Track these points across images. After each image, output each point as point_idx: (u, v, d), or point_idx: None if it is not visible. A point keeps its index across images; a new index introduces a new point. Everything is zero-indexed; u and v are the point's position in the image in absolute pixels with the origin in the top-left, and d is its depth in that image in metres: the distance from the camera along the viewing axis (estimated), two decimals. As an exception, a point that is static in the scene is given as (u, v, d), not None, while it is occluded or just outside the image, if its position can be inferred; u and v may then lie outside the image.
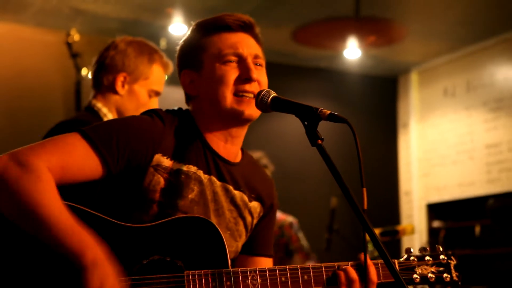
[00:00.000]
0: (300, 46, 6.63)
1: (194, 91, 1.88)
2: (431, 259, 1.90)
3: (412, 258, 1.89)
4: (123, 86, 2.59)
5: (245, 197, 1.90)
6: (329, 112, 1.61)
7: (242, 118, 1.81)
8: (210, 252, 1.69)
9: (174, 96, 2.81)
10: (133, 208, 1.72)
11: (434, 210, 7.27)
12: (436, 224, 7.12)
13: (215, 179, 1.84)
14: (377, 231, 4.74)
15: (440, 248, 1.93)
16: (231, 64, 1.82)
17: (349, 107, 7.23)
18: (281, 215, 4.60)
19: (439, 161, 7.24)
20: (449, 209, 7.14)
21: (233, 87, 1.81)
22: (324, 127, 1.64)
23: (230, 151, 1.88)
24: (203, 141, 1.84)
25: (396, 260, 1.87)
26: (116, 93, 2.59)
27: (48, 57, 5.95)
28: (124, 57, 2.57)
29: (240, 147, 1.93)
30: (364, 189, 1.52)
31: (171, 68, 2.66)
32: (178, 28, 5.81)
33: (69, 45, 5.35)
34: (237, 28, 1.87)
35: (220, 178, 1.85)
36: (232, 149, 1.88)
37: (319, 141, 1.61)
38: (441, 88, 7.29)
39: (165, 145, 1.76)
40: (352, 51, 6.41)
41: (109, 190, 1.76)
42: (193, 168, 1.79)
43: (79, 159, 1.65)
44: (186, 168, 1.78)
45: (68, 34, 5.37)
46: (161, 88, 2.65)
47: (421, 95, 7.58)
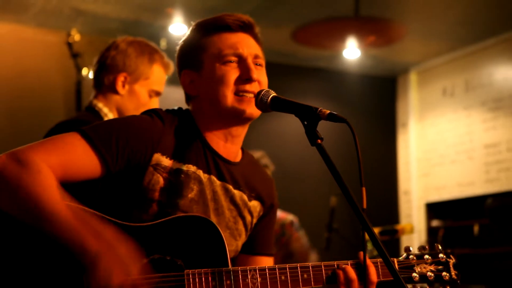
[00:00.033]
0: (299, 46, 6.63)
1: (194, 91, 1.88)
2: (430, 258, 1.90)
3: (411, 256, 1.89)
4: (123, 86, 2.58)
5: (244, 197, 1.91)
6: (328, 111, 1.61)
7: (243, 117, 1.82)
8: (210, 251, 1.70)
9: (174, 96, 2.82)
10: (133, 207, 1.72)
11: (433, 209, 7.27)
12: (435, 223, 7.12)
13: (214, 179, 1.84)
14: (376, 230, 4.74)
15: (439, 247, 1.93)
16: (231, 64, 1.82)
17: (348, 107, 7.23)
18: (281, 214, 4.59)
19: (438, 161, 7.24)
20: (448, 209, 7.14)
21: (233, 87, 1.81)
22: (323, 127, 1.64)
23: (230, 151, 1.88)
24: (203, 141, 1.84)
25: (395, 259, 1.87)
26: (117, 93, 2.58)
27: (49, 57, 5.94)
28: (124, 57, 2.57)
29: (240, 147, 1.93)
30: (364, 188, 1.52)
31: (171, 68, 2.66)
32: (178, 28, 5.79)
33: (69, 45, 5.34)
34: (237, 28, 1.87)
35: (220, 177, 1.85)
36: (232, 148, 1.88)
37: (319, 141, 1.61)
38: (440, 88, 7.29)
39: (165, 144, 1.76)
40: (352, 51, 6.42)
41: (109, 189, 1.76)
42: (193, 167, 1.79)
43: (79, 158, 1.65)
44: (185, 168, 1.78)
45: (68, 34, 5.37)
46: (161, 88, 2.65)
47: (420, 95, 7.58)
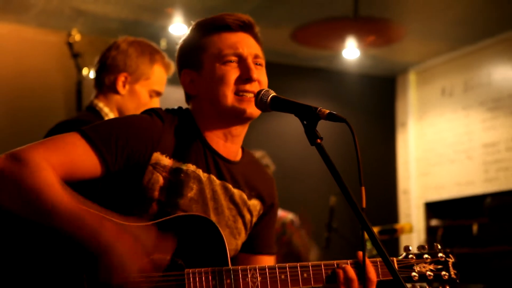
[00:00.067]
0: (299, 46, 6.62)
1: (194, 91, 1.88)
2: (429, 257, 1.90)
3: (410, 256, 1.89)
4: (124, 86, 2.58)
5: (244, 195, 1.91)
6: (328, 111, 1.61)
7: (244, 117, 1.82)
8: (210, 250, 1.70)
9: (174, 96, 2.82)
10: (133, 206, 1.73)
11: (432, 208, 7.27)
12: (434, 222, 7.13)
13: (214, 178, 1.84)
14: (375, 230, 4.74)
15: (439, 246, 1.93)
16: (231, 64, 1.82)
17: (348, 106, 7.23)
18: (281, 213, 4.60)
19: (437, 160, 7.25)
20: (447, 208, 7.14)
21: (233, 86, 1.81)
22: (323, 127, 1.64)
23: (230, 150, 1.88)
24: (202, 140, 1.84)
25: (395, 258, 1.87)
26: (117, 93, 2.58)
27: (50, 57, 5.94)
28: (125, 57, 2.57)
29: (240, 146, 1.93)
30: (363, 188, 1.52)
31: (172, 68, 2.65)
32: (178, 28, 5.78)
33: (70, 45, 5.35)
34: (237, 28, 1.86)
35: (220, 176, 1.85)
36: (232, 147, 1.88)
37: (318, 140, 1.61)
38: (439, 87, 7.30)
39: (164, 143, 1.76)
40: (351, 51, 6.42)
41: (109, 188, 1.76)
42: (192, 166, 1.79)
43: (78, 157, 1.66)
44: (185, 167, 1.78)
45: (69, 34, 5.37)
46: (162, 88, 2.65)
47: (419, 94, 7.59)
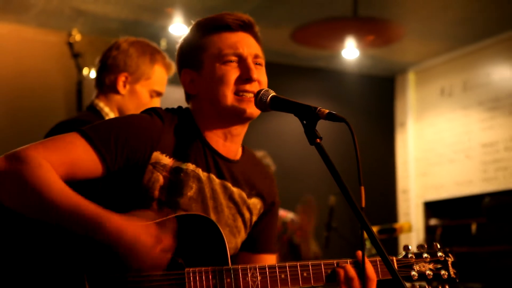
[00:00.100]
0: (299, 46, 6.63)
1: (194, 90, 1.88)
2: (429, 256, 1.90)
3: (410, 255, 1.89)
4: (124, 86, 2.58)
5: (243, 194, 1.90)
6: (327, 111, 1.61)
7: (244, 117, 1.82)
8: (210, 249, 1.70)
9: (174, 96, 2.82)
10: (133, 206, 1.72)
11: (431, 208, 7.28)
12: (433, 222, 7.14)
13: (214, 177, 1.84)
14: (374, 229, 4.74)
15: (438, 246, 1.93)
16: (231, 64, 1.82)
17: (347, 106, 7.24)
18: (282, 212, 4.60)
19: (436, 160, 7.26)
20: (446, 207, 7.15)
21: (233, 86, 1.81)
22: (322, 126, 1.64)
23: (229, 149, 1.88)
24: (202, 140, 1.84)
25: (395, 258, 1.88)
26: (118, 93, 2.58)
27: (50, 57, 5.94)
28: (126, 57, 2.57)
29: (240, 145, 1.93)
30: (362, 187, 1.53)
31: (173, 68, 2.64)
32: (178, 28, 5.78)
33: (70, 45, 5.35)
34: (237, 27, 1.86)
35: (219, 175, 1.85)
36: (231, 147, 1.88)
37: (318, 140, 1.61)
38: (438, 87, 7.31)
39: (164, 143, 1.76)
40: (350, 51, 6.42)
41: (109, 188, 1.76)
42: (192, 166, 1.79)
43: (79, 157, 1.66)
44: (185, 166, 1.78)
45: (69, 34, 5.38)
46: (162, 88, 2.64)
47: (418, 94, 7.60)
